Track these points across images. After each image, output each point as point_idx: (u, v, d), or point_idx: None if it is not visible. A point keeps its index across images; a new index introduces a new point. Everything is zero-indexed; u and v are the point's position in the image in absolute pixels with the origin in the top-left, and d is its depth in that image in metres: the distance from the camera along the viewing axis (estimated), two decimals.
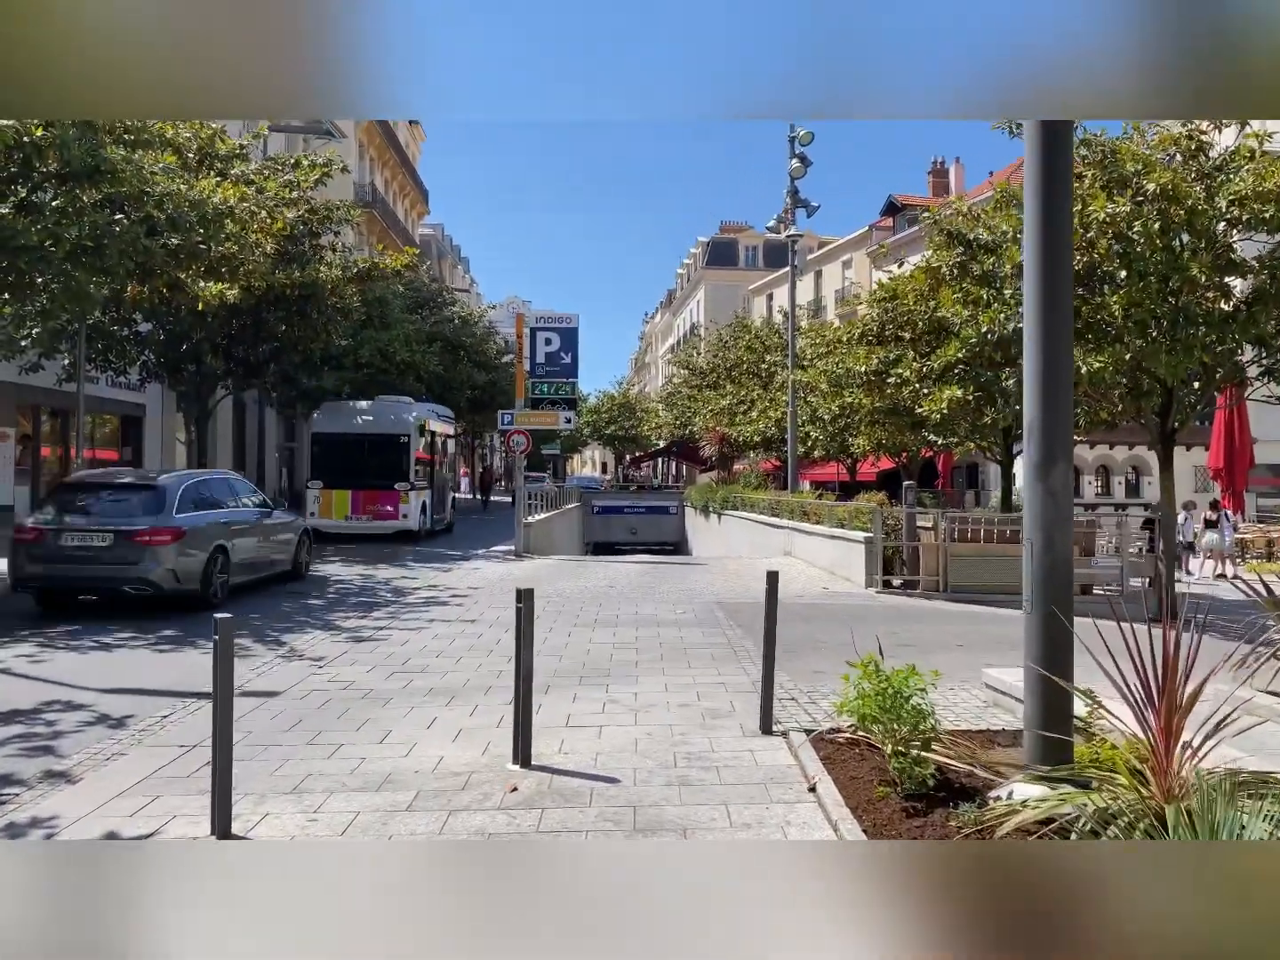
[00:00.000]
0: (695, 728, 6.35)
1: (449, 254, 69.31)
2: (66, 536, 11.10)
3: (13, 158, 11.34)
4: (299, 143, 31.41)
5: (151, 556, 11.06)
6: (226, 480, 13.73)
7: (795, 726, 6.25)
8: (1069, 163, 4.68)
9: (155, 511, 11.40)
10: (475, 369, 35.19)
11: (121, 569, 11.05)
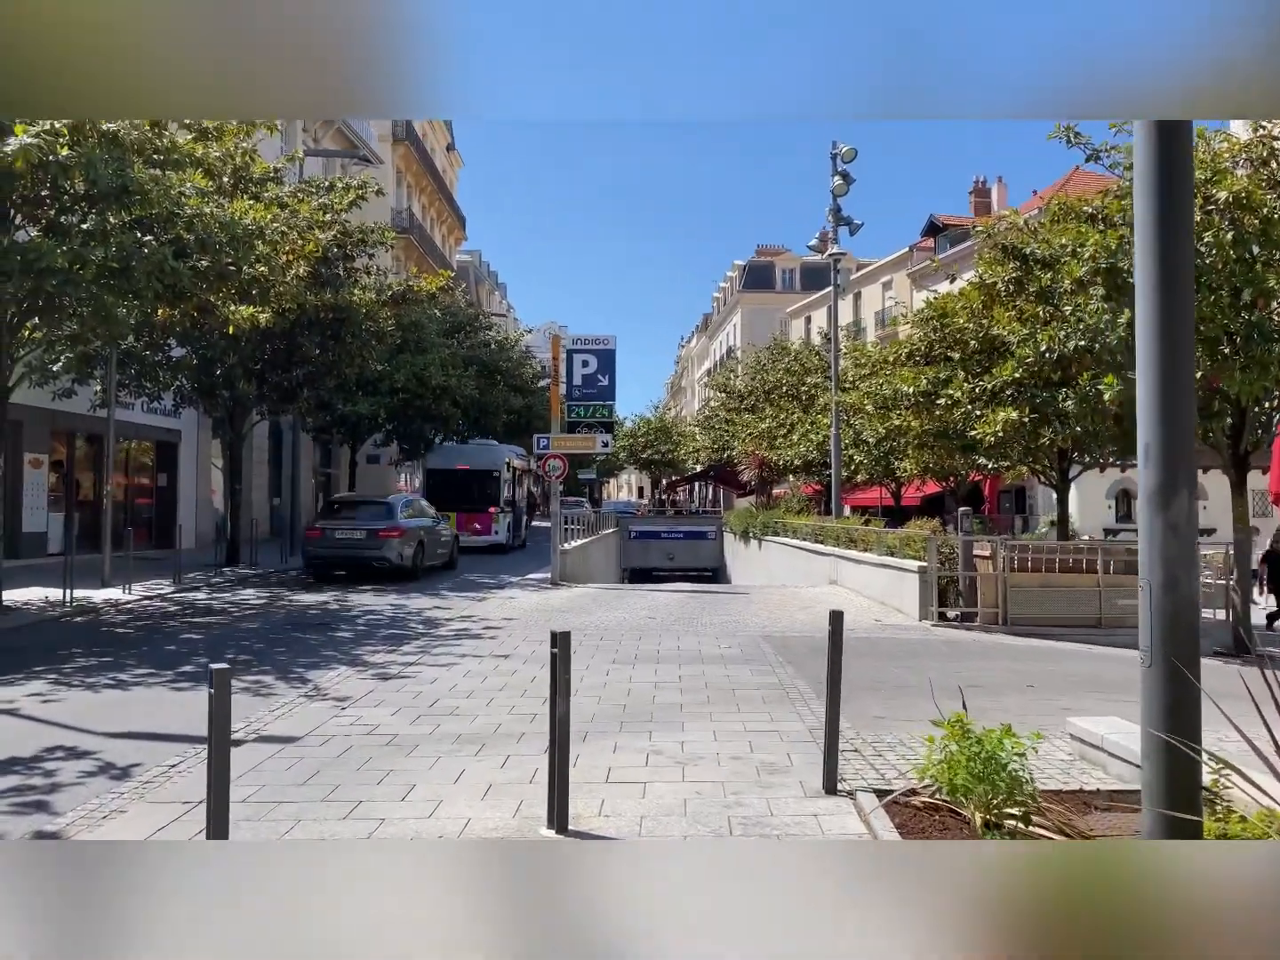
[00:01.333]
0: (750, 785, 5.73)
1: (486, 280, 69.48)
2: (337, 532, 18.66)
3: (40, 178, 11.09)
4: (335, 167, 31.39)
5: (387, 545, 18.46)
6: (419, 500, 21.80)
7: (863, 785, 5.60)
8: (1189, 163, 4.09)
9: (388, 518, 19.03)
10: (512, 393, 34.90)
11: (370, 552, 18.43)
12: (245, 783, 5.69)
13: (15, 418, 17.02)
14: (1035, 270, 13.94)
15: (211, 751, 4.15)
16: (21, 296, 12.17)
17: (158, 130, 12.29)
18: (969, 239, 34.30)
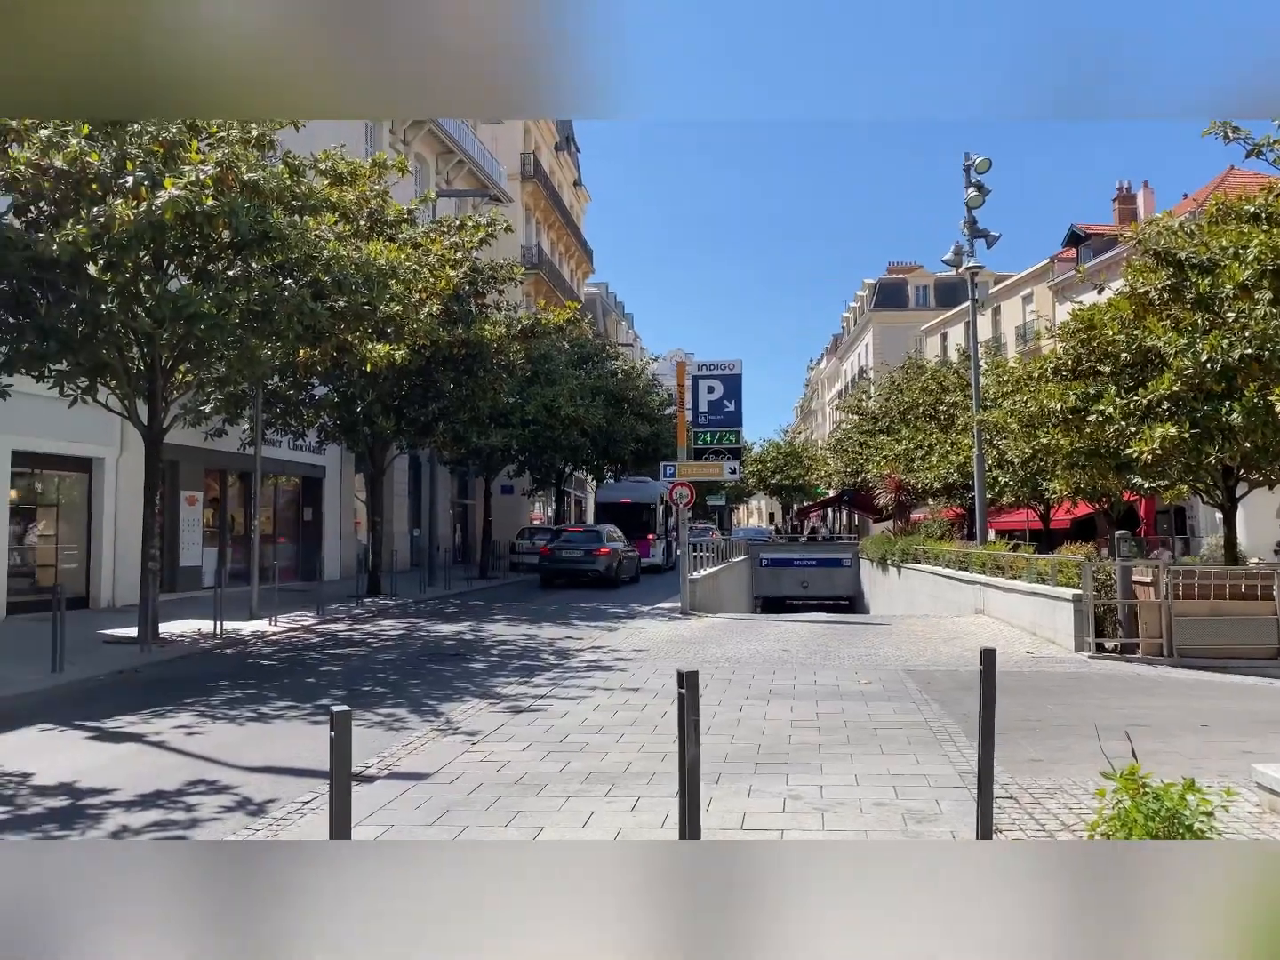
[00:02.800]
0: (895, 835, 5.33)
1: (613, 310, 70.31)
2: (562, 551, 26.57)
3: (188, 229, 11.64)
4: (467, 206, 32.28)
5: (598, 560, 26.09)
6: (614, 529, 28.65)
7: (1021, 838, 5.13)
8: None
9: (598, 542, 26.69)
10: (639, 421, 35.01)
11: (586, 565, 26.09)
12: (374, 822, 5.65)
13: (171, 457, 17.96)
14: (1192, 276, 13.01)
15: (333, 794, 4.07)
16: (174, 342, 12.80)
17: (296, 178, 12.76)
18: (1114, 247, 32.64)
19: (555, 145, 51.34)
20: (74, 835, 5.67)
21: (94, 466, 18.14)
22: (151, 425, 13.57)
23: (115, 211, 10.81)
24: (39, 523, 17.63)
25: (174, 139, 11.58)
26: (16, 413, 14.10)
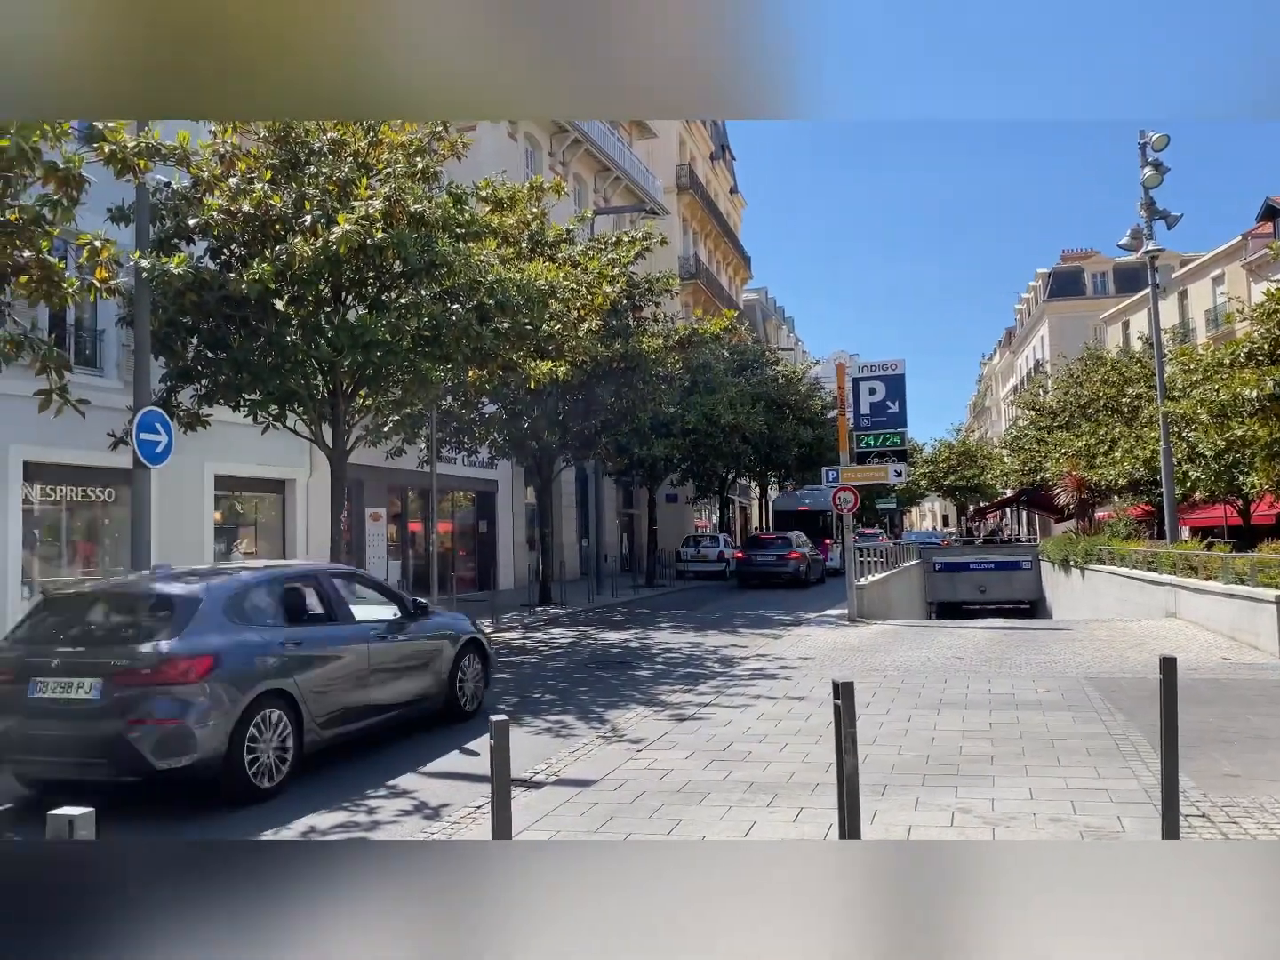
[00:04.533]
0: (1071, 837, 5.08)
1: (773, 315, 69.86)
2: (757, 556, 29.62)
3: (362, 261, 12.35)
4: (624, 222, 32.82)
5: (791, 564, 29.21)
6: (802, 535, 31.62)
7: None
8: None
9: (789, 547, 29.67)
10: (801, 426, 34.66)
11: (779, 568, 29.08)
12: (541, 828, 5.82)
13: (356, 477, 19.05)
14: None
15: (494, 798, 4.24)
16: (354, 369, 13.58)
17: (459, 206, 13.33)
18: None
19: (710, 155, 51.53)
20: (267, 835, 6.12)
21: (286, 487, 19.46)
22: (336, 447, 14.44)
23: (296, 249, 11.62)
24: (240, 541, 19.05)
25: (346, 177, 12.33)
26: (217, 440, 15.31)
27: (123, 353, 15.22)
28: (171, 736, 6.48)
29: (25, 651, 6.89)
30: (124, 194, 10.83)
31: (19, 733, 6.58)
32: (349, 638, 8.11)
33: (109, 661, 6.62)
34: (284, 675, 7.21)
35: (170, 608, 7.05)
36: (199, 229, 12.53)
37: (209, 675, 6.66)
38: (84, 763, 6.59)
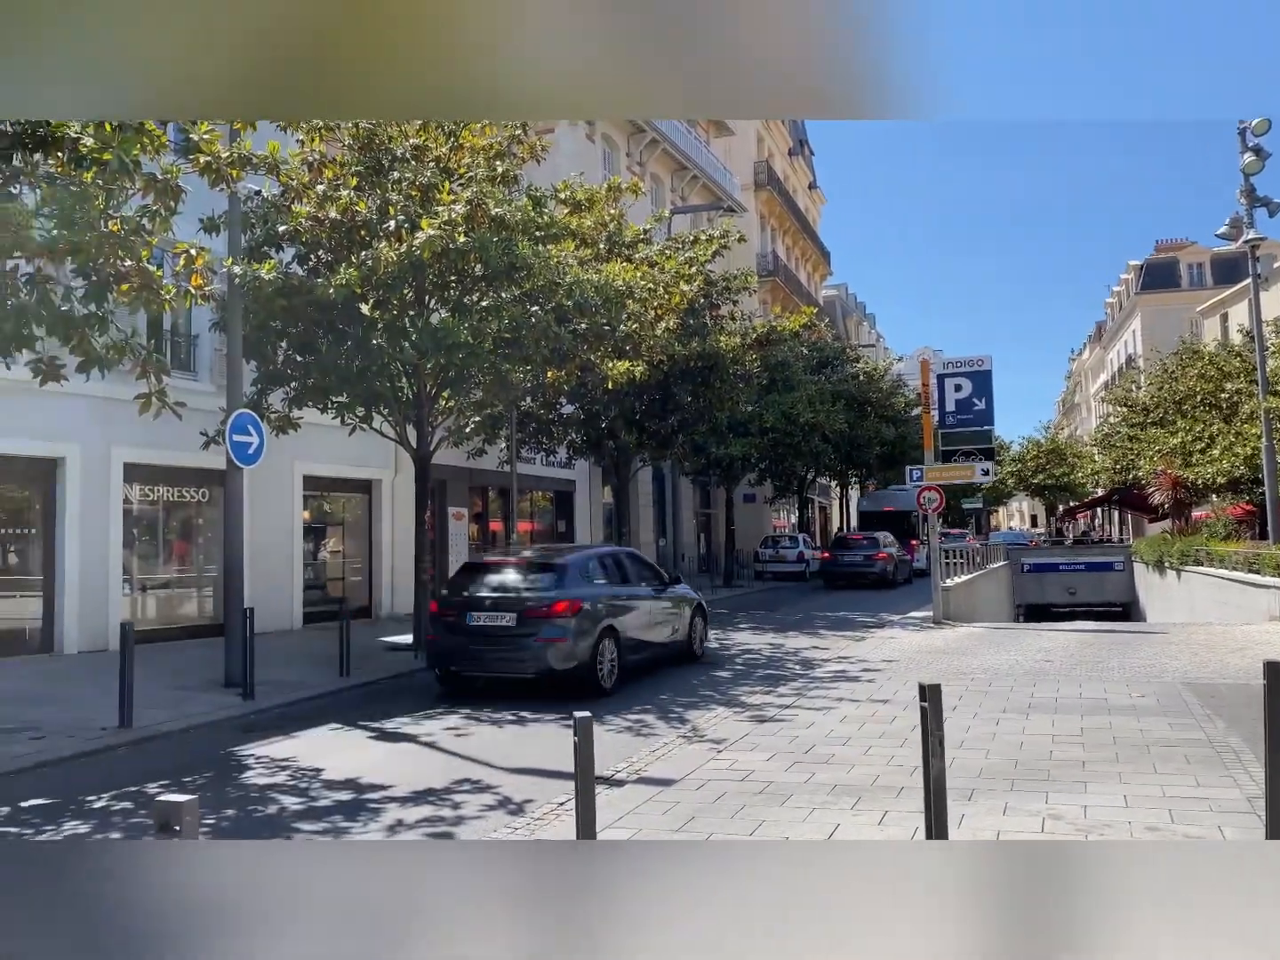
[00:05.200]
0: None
1: (853, 312, 68.99)
2: (844, 557, 29.43)
3: (445, 265, 12.54)
4: (702, 220, 32.76)
5: (878, 564, 28.73)
6: (890, 535, 31.34)
7: None
8: None
9: (877, 548, 29.38)
10: (883, 424, 34.15)
11: (866, 569, 28.74)
12: (623, 825, 5.84)
13: (439, 477, 19.36)
14: None
15: (578, 795, 4.26)
16: (437, 371, 13.82)
17: (538, 209, 13.45)
18: None
19: (789, 150, 51.12)
20: (356, 827, 6.25)
21: (372, 488, 19.88)
22: (420, 448, 14.70)
23: (381, 254, 11.85)
24: (328, 540, 19.54)
25: (428, 182, 12.53)
26: (306, 442, 15.71)
27: (215, 357, 15.73)
28: (562, 649, 10.45)
29: (462, 596, 10.98)
30: (215, 203, 11.17)
31: (463, 647, 10.79)
32: (640, 595, 12.20)
33: (522, 602, 10.72)
34: (612, 616, 11.21)
35: (551, 570, 11.19)
36: (287, 236, 12.87)
37: (579, 613, 10.63)
38: (505, 665, 10.77)
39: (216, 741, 8.80)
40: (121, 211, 7.69)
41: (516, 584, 11.07)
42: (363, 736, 9.07)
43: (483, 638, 10.61)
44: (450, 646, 10.90)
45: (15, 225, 7.26)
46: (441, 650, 11.05)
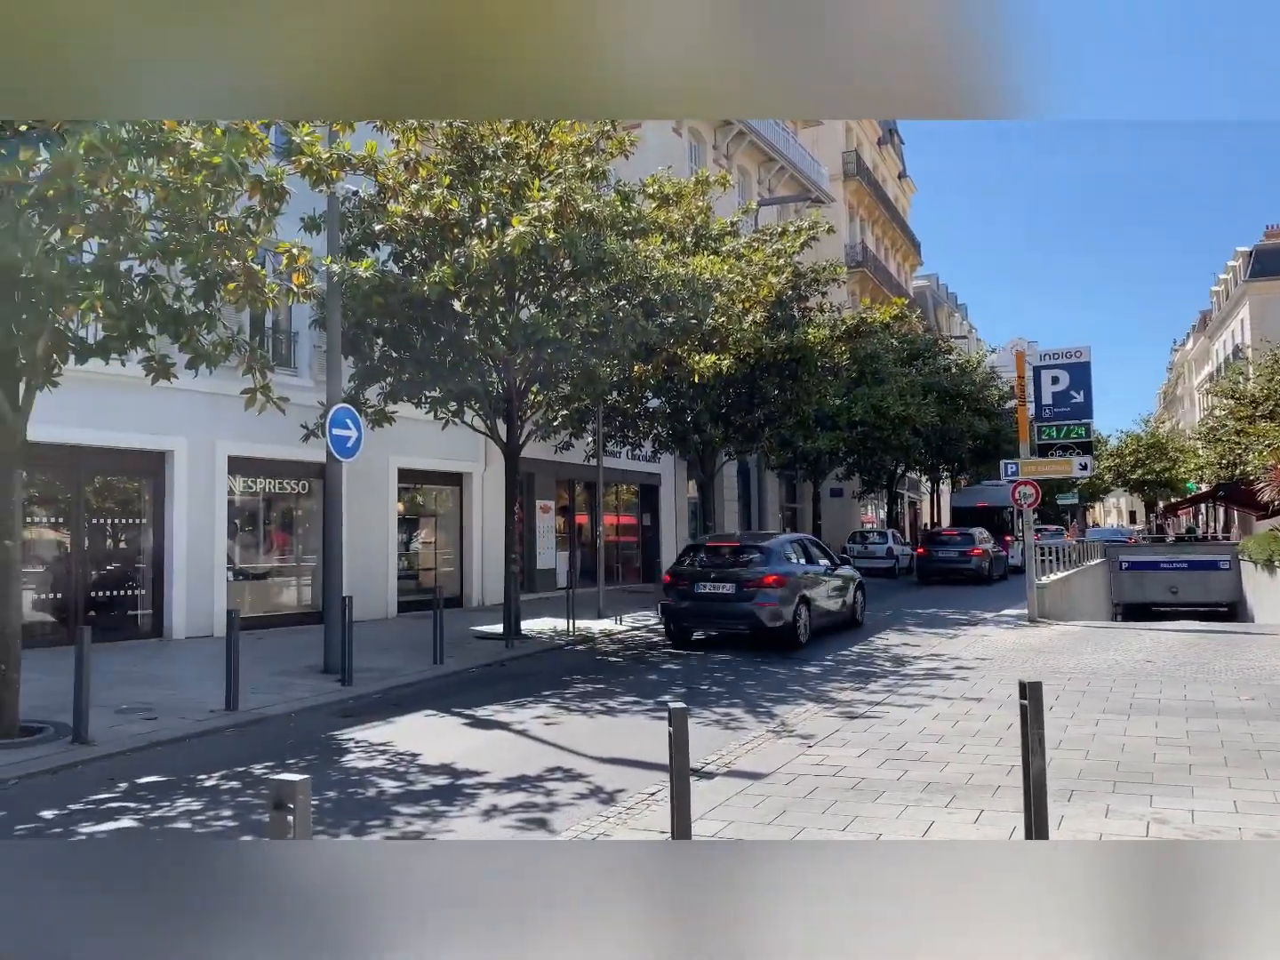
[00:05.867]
0: None
1: (945, 303, 67.61)
2: (938, 552, 28.51)
3: (535, 261, 12.69)
4: (789, 212, 32.47)
5: (974, 560, 27.90)
6: (982, 531, 30.02)
7: None
8: None
9: (972, 543, 28.46)
10: (976, 418, 33.40)
11: (962, 565, 28.08)
12: (714, 817, 5.86)
13: (527, 470, 19.62)
14: None
15: (673, 784, 4.29)
16: (526, 366, 14.01)
17: (626, 204, 13.51)
18: None
19: (878, 140, 50.30)
20: (453, 811, 6.40)
21: (463, 480, 20.25)
22: (510, 442, 14.92)
23: (474, 251, 12.06)
24: (421, 531, 19.97)
25: (519, 179, 12.69)
26: (400, 436, 16.08)
27: (314, 353, 16.20)
28: (772, 611, 13.66)
29: (690, 570, 14.35)
30: (314, 204, 11.50)
31: (692, 609, 14.15)
32: (822, 572, 15.36)
33: (739, 574, 13.91)
34: (806, 588, 14.42)
35: (759, 550, 14.42)
36: (383, 234, 13.17)
37: (784, 584, 13.85)
38: (727, 623, 14.23)
39: (317, 725, 9.09)
40: (228, 213, 7.99)
41: (733, 560, 14.32)
42: (457, 723, 9.26)
43: (708, 602, 13.97)
44: (682, 609, 14.23)
45: (130, 228, 7.61)
46: (675, 612, 14.38)
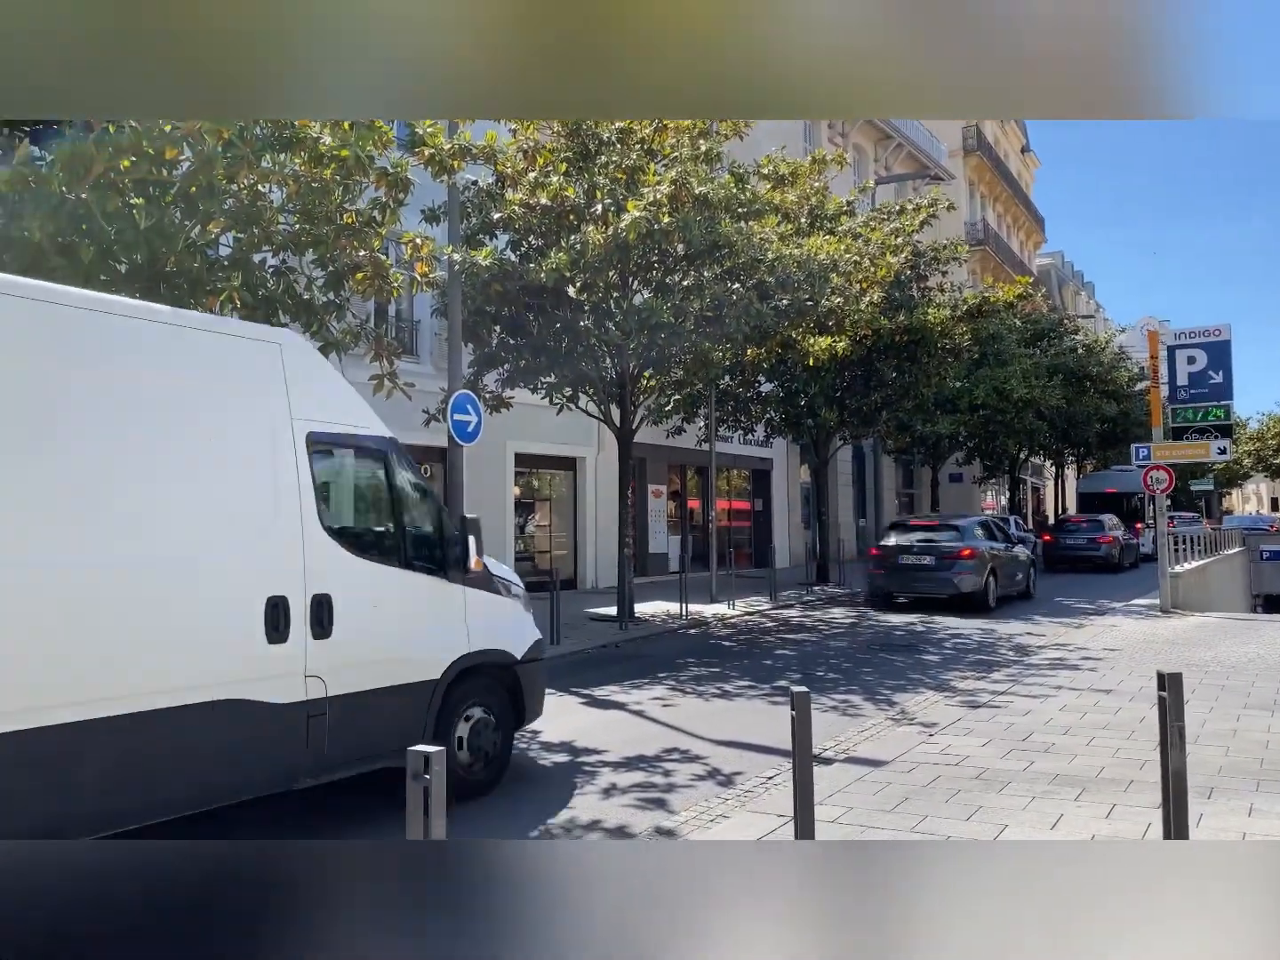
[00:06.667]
0: None
1: (1070, 281, 65.00)
2: (1066, 539, 27.45)
3: (649, 245, 12.73)
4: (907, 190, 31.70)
5: (1106, 548, 26.90)
6: (1112, 517, 28.87)
7: None
8: None
9: (1103, 530, 27.23)
10: (1104, 400, 32.09)
11: (1092, 552, 26.79)
12: (834, 803, 5.82)
13: (639, 455, 19.73)
14: None
15: (796, 769, 4.28)
16: (639, 351, 14.08)
17: (741, 186, 13.42)
18: None
19: None
20: (575, 789, 6.51)
21: (577, 465, 20.51)
22: (622, 427, 15.04)
23: (589, 238, 12.15)
24: (536, 514, 20.33)
25: (634, 165, 12.73)
26: (516, 421, 16.37)
27: (435, 341, 16.62)
28: (968, 580, 16.41)
29: (894, 544, 17.16)
30: (434, 194, 11.77)
31: (897, 578, 17.03)
32: (1003, 548, 17.88)
33: (939, 548, 16.67)
34: (993, 561, 17.03)
35: (954, 529, 17.18)
36: (501, 223, 13.40)
37: (977, 557, 16.60)
38: (928, 589, 16.71)
39: None
40: (356, 205, 8.24)
41: (932, 536, 16.97)
42: (575, 702, 9.42)
43: (910, 571, 16.81)
44: (888, 578, 17.14)
45: (265, 221, 7.93)
46: (881, 580, 17.27)
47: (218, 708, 4.73)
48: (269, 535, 5.10)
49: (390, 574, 5.78)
